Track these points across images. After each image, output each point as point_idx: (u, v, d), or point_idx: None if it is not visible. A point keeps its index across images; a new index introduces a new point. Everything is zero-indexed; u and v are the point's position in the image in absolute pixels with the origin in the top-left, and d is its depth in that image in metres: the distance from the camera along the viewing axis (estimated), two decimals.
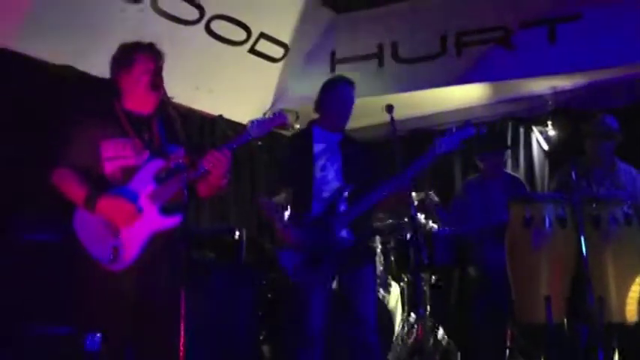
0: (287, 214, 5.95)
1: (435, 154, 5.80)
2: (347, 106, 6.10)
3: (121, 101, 5.05)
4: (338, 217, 5.78)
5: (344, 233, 5.81)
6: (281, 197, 6.18)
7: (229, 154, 4.88)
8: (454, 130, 5.90)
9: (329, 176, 5.93)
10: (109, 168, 4.87)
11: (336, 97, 6.09)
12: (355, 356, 5.85)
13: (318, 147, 6.02)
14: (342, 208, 5.83)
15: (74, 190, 4.84)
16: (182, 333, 4.44)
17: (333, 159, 5.99)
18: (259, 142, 5.38)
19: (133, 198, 4.80)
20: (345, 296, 5.84)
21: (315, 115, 6.25)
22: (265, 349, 7.51)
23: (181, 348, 4.44)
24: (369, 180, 5.87)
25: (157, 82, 4.90)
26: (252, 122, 4.99)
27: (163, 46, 5.08)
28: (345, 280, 5.85)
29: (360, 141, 6.43)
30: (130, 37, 5.16)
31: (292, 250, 5.72)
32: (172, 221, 4.84)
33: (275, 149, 8.95)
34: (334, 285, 5.92)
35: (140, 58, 4.99)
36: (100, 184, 4.83)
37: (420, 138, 9.66)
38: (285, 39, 9.34)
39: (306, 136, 6.07)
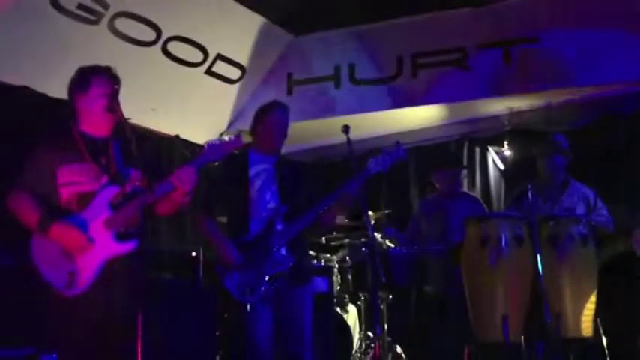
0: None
1: (368, 175, 5.85)
2: (281, 130, 6.15)
3: (77, 124, 5.03)
4: (276, 236, 5.84)
5: (283, 251, 5.87)
6: (223, 218, 6.24)
7: (195, 172, 4.90)
8: (386, 151, 5.95)
9: (266, 197, 5.98)
10: (65, 194, 4.85)
11: (270, 122, 6.13)
12: None
13: (254, 170, 6.06)
14: (279, 227, 5.88)
15: (28, 214, 4.83)
16: (139, 354, 4.43)
17: (270, 181, 6.04)
18: (216, 163, 5.40)
19: (85, 227, 4.78)
20: (283, 314, 5.88)
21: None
22: None
23: None
24: (305, 200, 5.94)
25: (112, 106, 4.89)
26: (208, 145, 5.00)
27: (120, 67, 5.08)
28: (284, 297, 5.88)
29: (294, 163, 6.51)
30: (87, 59, 5.15)
31: (234, 271, 5.77)
32: (128, 247, 4.82)
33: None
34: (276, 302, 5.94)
35: (96, 81, 4.96)
36: (56, 211, 4.82)
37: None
38: (242, 60, 9.34)
39: (241, 159, 6.10)
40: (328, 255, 8.92)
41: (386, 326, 8.27)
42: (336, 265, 8.84)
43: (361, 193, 5.83)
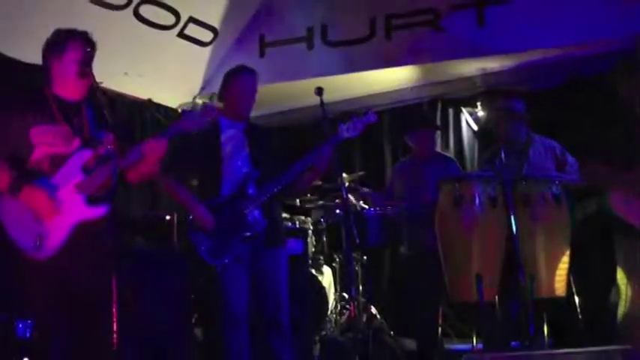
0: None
1: (338, 140, 5.89)
2: (249, 95, 6.16)
3: (51, 87, 5.02)
4: (249, 199, 5.86)
5: (257, 214, 5.90)
6: (194, 181, 6.25)
7: (166, 142, 4.91)
8: (356, 117, 5.98)
9: (237, 162, 6.02)
10: (38, 153, 4.85)
11: (237, 87, 6.15)
12: (268, 335, 5.95)
13: (225, 135, 6.09)
14: (251, 191, 5.90)
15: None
16: (114, 320, 4.43)
17: (241, 146, 6.07)
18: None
19: (54, 192, 4.80)
20: (258, 276, 5.92)
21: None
22: (198, 331, 7.52)
23: (114, 335, 4.44)
24: (277, 164, 5.97)
25: (86, 71, 4.88)
26: (184, 113, 5.03)
27: (92, 31, 5.06)
28: (259, 260, 5.91)
29: (264, 128, 6.52)
30: (58, 23, 5.13)
31: (206, 234, 5.80)
32: (99, 211, 4.83)
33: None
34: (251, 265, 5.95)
35: (72, 45, 4.97)
36: (28, 173, 4.82)
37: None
38: (215, 23, 9.28)
39: (212, 125, 6.09)
40: (303, 217, 8.94)
41: (361, 287, 8.31)
42: (311, 227, 8.87)
43: (334, 157, 5.85)
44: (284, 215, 8.05)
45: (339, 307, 8.60)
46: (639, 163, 5.68)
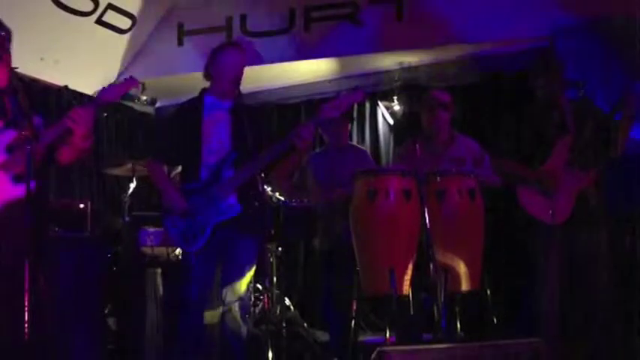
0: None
1: (321, 119, 5.81)
2: (235, 72, 5.98)
3: None
4: (222, 184, 5.75)
5: (231, 200, 5.78)
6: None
7: (92, 111, 4.82)
8: (341, 95, 5.94)
9: (218, 143, 5.88)
10: None
11: (222, 63, 6.01)
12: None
13: (208, 115, 5.95)
14: (228, 174, 5.78)
15: None
16: (26, 307, 4.38)
17: (223, 126, 5.92)
18: (105, 114, 5.34)
19: None
20: (226, 265, 5.85)
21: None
22: (111, 321, 7.46)
23: (26, 323, 4.38)
24: (256, 146, 5.83)
25: (1, 55, 4.81)
26: (103, 87, 4.96)
27: (9, 16, 4.99)
28: (229, 248, 5.82)
29: (251, 107, 6.39)
30: None
31: (177, 218, 5.74)
32: (24, 191, 4.76)
33: (122, 121, 8.88)
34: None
35: None
36: None
37: (268, 111, 9.85)
38: (133, 10, 9.21)
39: (196, 104, 6.02)
40: None
41: (275, 279, 8.31)
42: None
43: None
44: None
45: (253, 299, 8.60)
46: (546, 161, 5.80)
